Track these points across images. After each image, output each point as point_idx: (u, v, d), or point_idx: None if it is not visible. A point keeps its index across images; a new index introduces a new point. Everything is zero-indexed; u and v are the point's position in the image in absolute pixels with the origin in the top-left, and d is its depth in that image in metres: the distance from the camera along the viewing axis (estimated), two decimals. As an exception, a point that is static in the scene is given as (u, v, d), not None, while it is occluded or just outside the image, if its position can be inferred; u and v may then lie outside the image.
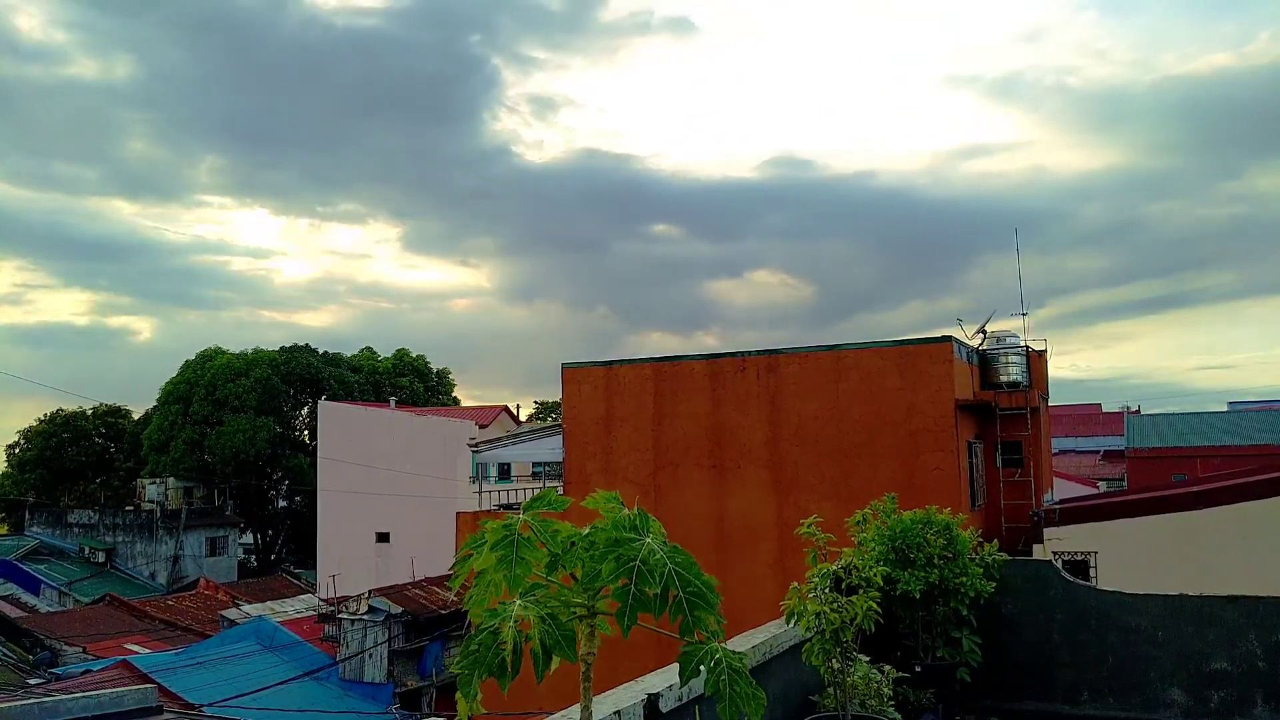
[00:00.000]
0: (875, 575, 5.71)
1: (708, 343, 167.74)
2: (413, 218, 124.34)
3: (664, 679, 4.22)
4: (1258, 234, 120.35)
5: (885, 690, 5.79)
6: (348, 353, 65.81)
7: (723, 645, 2.46)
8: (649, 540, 2.43)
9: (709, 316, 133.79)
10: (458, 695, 2.41)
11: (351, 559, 42.49)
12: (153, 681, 19.45)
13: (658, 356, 21.06)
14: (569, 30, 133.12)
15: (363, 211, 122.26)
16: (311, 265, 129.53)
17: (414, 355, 66.86)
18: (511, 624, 2.27)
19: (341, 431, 46.15)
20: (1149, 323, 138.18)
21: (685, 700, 4.18)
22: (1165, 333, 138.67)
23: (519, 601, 2.34)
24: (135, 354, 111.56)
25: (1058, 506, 19.93)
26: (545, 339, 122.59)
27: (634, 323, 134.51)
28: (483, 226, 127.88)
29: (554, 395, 63.01)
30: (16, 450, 61.73)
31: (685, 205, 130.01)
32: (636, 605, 2.31)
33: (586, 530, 2.52)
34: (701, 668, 2.42)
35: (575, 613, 2.47)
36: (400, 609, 29.68)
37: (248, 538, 61.64)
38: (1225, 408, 55.03)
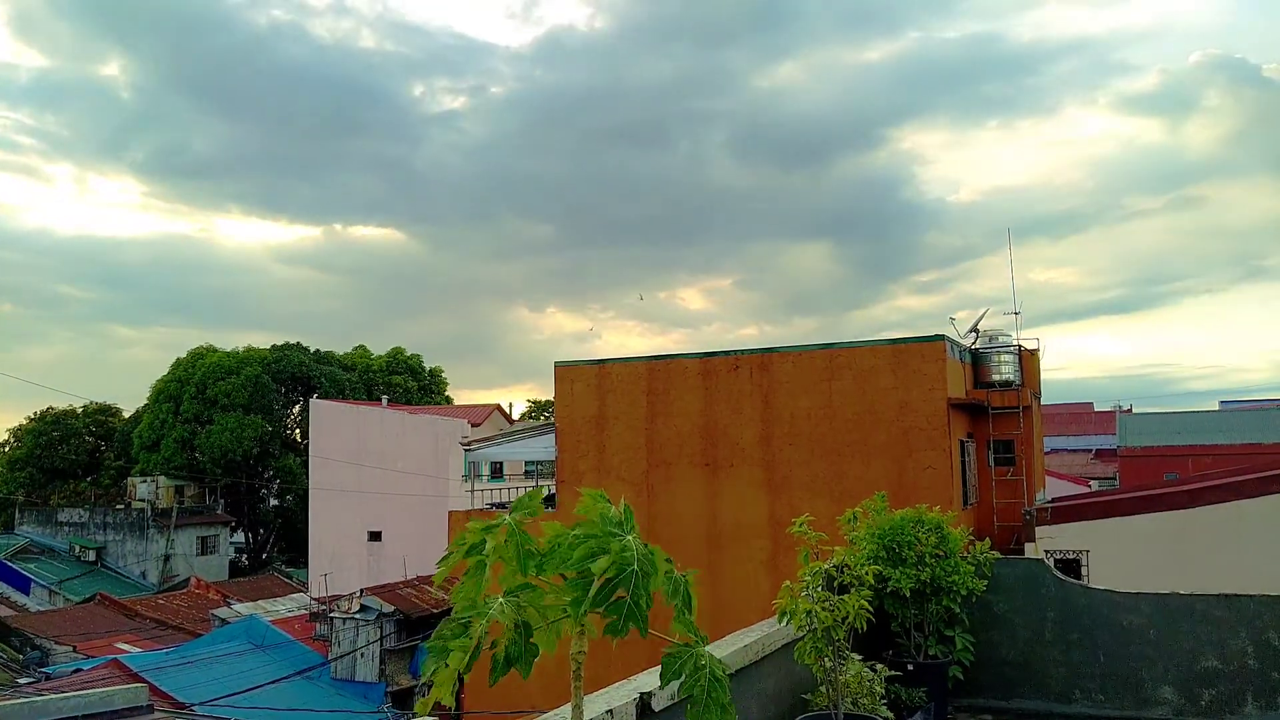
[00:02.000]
0: (867, 574, 5.69)
1: (681, 343, 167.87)
2: (397, 224, 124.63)
3: (656, 678, 4.19)
4: (1253, 233, 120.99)
5: (877, 689, 5.78)
6: (340, 351, 65.57)
7: (707, 650, 2.44)
8: (628, 538, 2.40)
9: (685, 315, 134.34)
10: (429, 679, 2.39)
11: (343, 558, 42.40)
12: (143, 681, 19.37)
13: (650, 355, 21.04)
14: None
15: (356, 217, 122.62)
16: (308, 265, 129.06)
17: (408, 354, 66.58)
18: (483, 622, 2.25)
19: (333, 430, 46.02)
20: (1142, 321, 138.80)
21: (677, 699, 4.16)
22: (1157, 331, 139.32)
23: (500, 600, 2.32)
24: (126, 352, 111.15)
25: (1050, 505, 19.97)
26: (533, 338, 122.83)
27: (610, 320, 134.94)
28: (472, 230, 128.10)
29: (546, 393, 62.94)
30: (6, 448, 61.45)
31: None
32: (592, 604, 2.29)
33: (573, 529, 2.49)
34: (683, 673, 2.39)
35: (564, 612, 2.44)
36: (392, 608, 29.59)
37: (239, 536, 61.37)
38: (1217, 407, 55.20)
